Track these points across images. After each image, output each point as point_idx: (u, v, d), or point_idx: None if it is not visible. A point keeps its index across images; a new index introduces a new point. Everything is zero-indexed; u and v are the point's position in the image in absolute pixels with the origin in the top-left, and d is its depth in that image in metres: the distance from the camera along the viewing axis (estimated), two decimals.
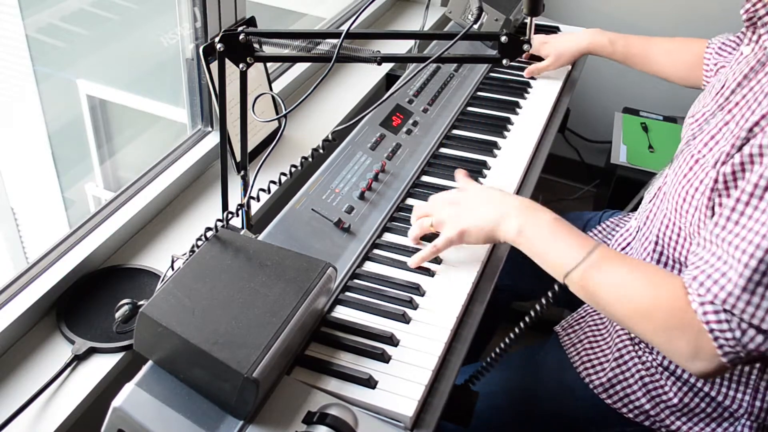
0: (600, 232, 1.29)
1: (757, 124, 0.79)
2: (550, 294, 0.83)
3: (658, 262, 0.99)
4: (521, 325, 0.87)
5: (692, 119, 1.01)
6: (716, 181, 0.83)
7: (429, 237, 1.03)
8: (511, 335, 0.88)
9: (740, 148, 0.80)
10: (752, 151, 0.78)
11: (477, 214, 0.97)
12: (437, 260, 1.02)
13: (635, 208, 1.12)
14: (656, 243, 0.99)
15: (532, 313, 0.86)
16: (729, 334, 0.76)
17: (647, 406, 1.02)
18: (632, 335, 1.04)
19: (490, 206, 0.96)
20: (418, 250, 1.03)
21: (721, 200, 0.83)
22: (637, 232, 1.08)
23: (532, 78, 1.51)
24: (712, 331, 0.77)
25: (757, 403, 0.94)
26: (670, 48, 1.39)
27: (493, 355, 0.91)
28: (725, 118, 0.87)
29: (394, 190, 1.14)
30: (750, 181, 0.77)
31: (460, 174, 1.12)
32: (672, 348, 0.81)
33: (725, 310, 0.76)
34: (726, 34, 1.28)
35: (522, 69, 1.52)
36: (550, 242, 0.90)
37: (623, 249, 1.15)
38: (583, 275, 0.86)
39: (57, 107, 2.04)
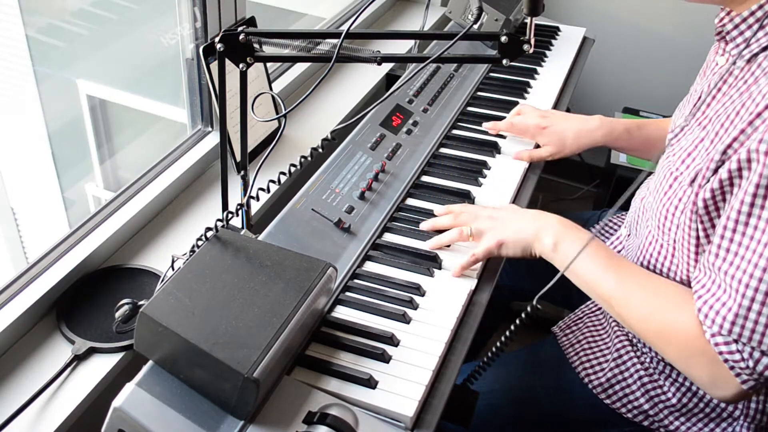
0: (598, 232, 1.29)
1: (729, 146, 0.80)
2: (545, 289, 0.85)
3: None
4: (517, 322, 0.89)
5: (671, 133, 1.01)
6: (695, 203, 0.84)
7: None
8: (507, 333, 0.88)
9: (715, 171, 0.81)
10: (730, 175, 0.79)
11: (516, 226, 1.01)
12: (437, 261, 1.02)
13: (625, 207, 1.12)
14: (642, 256, 0.99)
15: (529, 309, 0.88)
16: (743, 364, 0.78)
17: (646, 407, 1.02)
18: (631, 336, 1.04)
19: (529, 220, 1.01)
20: (419, 251, 1.03)
21: (705, 226, 0.84)
22: (628, 238, 1.08)
23: (529, 83, 1.51)
24: (726, 361, 0.79)
25: (753, 405, 0.95)
26: None
27: (489, 354, 0.92)
28: (700, 135, 0.89)
29: (394, 190, 1.14)
30: (733, 207, 0.78)
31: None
32: (692, 374, 0.85)
33: (735, 340, 0.78)
34: None
35: (523, 69, 1.52)
36: (585, 260, 0.93)
37: None
38: (611, 296, 0.90)
39: (57, 107, 2.04)
